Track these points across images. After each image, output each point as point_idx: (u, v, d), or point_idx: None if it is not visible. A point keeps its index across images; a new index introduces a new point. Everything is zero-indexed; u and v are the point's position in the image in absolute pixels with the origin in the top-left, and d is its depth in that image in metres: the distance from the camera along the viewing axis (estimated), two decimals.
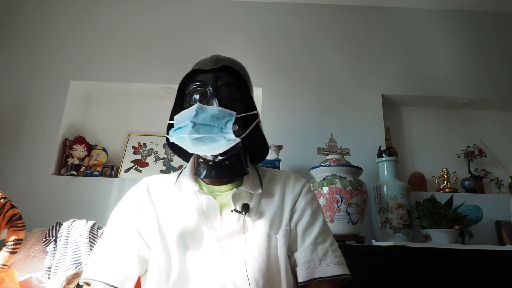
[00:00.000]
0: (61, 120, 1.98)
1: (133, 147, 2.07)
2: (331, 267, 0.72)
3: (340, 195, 1.49)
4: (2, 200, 1.33)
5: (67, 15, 2.22)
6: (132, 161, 2.02)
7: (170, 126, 0.77)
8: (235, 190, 0.76)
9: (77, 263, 1.26)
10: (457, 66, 2.15)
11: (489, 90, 2.09)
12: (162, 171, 2.00)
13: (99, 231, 1.38)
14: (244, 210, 0.73)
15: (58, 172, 1.93)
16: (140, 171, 1.99)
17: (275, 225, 0.76)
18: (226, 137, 0.70)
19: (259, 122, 0.81)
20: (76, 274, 1.18)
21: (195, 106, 0.71)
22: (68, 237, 1.34)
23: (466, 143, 2.07)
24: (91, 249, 1.29)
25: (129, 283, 0.73)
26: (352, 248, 1.38)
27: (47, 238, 1.36)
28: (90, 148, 2.03)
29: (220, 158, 0.77)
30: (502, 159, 2.10)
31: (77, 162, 1.93)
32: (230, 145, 0.73)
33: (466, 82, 2.11)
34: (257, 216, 0.76)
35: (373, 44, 2.19)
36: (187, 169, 0.83)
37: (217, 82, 0.75)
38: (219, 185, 0.79)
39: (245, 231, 0.72)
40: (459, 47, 2.20)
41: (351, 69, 2.13)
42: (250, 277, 0.68)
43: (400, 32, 2.23)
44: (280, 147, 1.79)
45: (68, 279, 1.14)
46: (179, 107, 0.81)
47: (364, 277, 1.26)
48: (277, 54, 2.16)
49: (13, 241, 1.30)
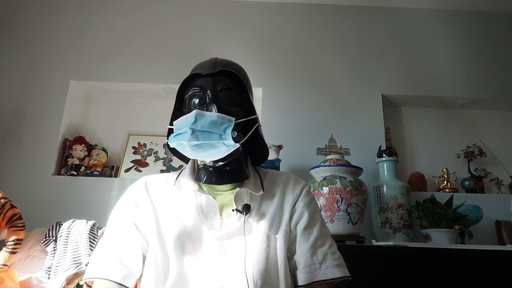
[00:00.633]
0: (61, 120, 1.98)
1: (133, 147, 2.07)
2: (330, 270, 0.73)
3: (340, 195, 1.49)
4: (2, 200, 1.33)
5: (67, 16, 2.22)
6: (132, 161, 2.02)
7: (170, 130, 0.77)
8: (238, 189, 0.76)
9: (77, 263, 1.26)
10: (457, 66, 2.15)
11: (489, 90, 2.09)
12: (162, 171, 2.00)
13: (99, 231, 1.38)
14: (245, 210, 0.73)
15: (58, 172, 1.93)
16: (140, 171, 1.99)
17: (275, 226, 0.76)
18: (225, 143, 0.70)
19: (258, 126, 0.81)
20: (76, 274, 1.18)
21: (194, 112, 0.71)
22: (68, 237, 1.34)
23: (466, 143, 2.07)
24: (91, 249, 1.29)
25: (132, 280, 0.72)
26: (352, 248, 1.38)
27: (47, 238, 1.36)
28: (90, 148, 2.03)
29: (220, 163, 0.76)
30: (502, 159, 2.10)
31: (77, 162, 1.94)
32: (230, 151, 0.73)
33: (466, 82, 2.11)
34: (258, 216, 0.76)
35: (373, 44, 2.19)
36: (186, 169, 0.83)
37: (215, 87, 0.75)
38: (219, 185, 0.79)
39: (245, 231, 0.72)
40: (459, 47, 2.20)
41: (351, 69, 2.13)
42: (249, 277, 0.68)
43: (400, 32, 2.23)
44: (280, 147, 1.79)
45: (68, 279, 1.14)
46: (179, 111, 0.81)
47: (364, 277, 1.26)
48: (277, 54, 2.16)
49: (13, 241, 1.30)
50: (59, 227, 1.39)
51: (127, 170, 1.98)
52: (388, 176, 1.69)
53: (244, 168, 0.80)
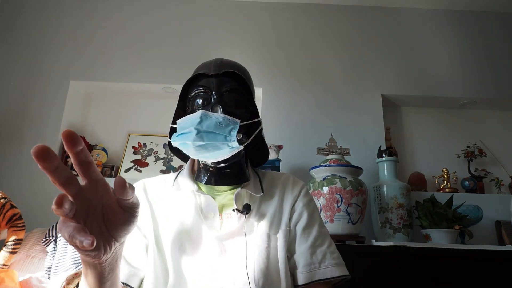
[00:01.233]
0: (61, 120, 1.98)
1: (133, 147, 2.07)
2: (329, 269, 0.73)
3: (340, 195, 1.49)
4: (2, 200, 1.33)
5: (67, 16, 2.22)
6: (132, 161, 2.02)
7: (172, 129, 0.77)
8: (239, 190, 0.76)
9: (77, 263, 1.26)
10: (457, 66, 2.15)
11: (489, 90, 2.09)
12: (162, 171, 2.00)
13: None
14: (246, 210, 0.73)
15: None
16: (140, 171, 1.99)
17: (275, 226, 0.76)
18: (230, 145, 0.70)
19: (261, 129, 0.81)
20: (76, 274, 1.18)
21: (199, 112, 0.70)
22: None
23: (466, 143, 2.07)
24: None
25: (136, 280, 0.72)
26: (352, 248, 1.38)
27: (47, 238, 1.36)
28: (90, 148, 2.03)
29: (222, 165, 0.76)
30: (502, 159, 2.10)
31: None
32: (233, 153, 0.72)
33: (466, 82, 2.11)
34: (258, 216, 0.76)
35: (373, 44, 2.20)
36: (185, 169, 0.83)
37: (221, 88, 0.74)
38: (219, 185, 0.79)
39: (246, 231, 0.72)
40: (459, 47, 2.20)
41: (351, 69, 2.13)
42: (250, 277, 0.68)
43: (400, 32, 2.23)
44: (280, 147, 1.79)
45: (68, 279, 1.14)
46: (181, 110, 0.80)
47: (364, 277, 1.26)
48: (277, 54, 2.16)
49: (13, 241, 1.30)
50: None
51: (127, 170, 1.98)
52: (388, 176, 1.69)
53: (245, 170, 0.80)
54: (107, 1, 2.26)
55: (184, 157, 0.88)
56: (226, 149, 0.70)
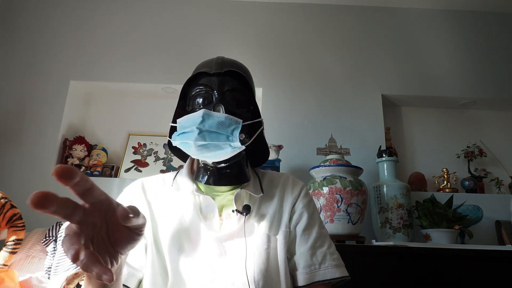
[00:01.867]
0: (61, 120, 1.98)
1: (133, 147, 2.07)
2: (330, 270, 0.73)
3: (340, 195, 1.49)
4: (2, 200, 1.33)
5: (67, 16, 2.22)
6: (132, 161, 2.02)
7: (173, 128, 0.76)
8: (239, 190, 0.76)
9: None
10: (457, 66, 2.15)
11: (489, 90, 2.09)
12: (162, 171, 2.00)
13: None
14: (245, 211, 0.73)
15: None
16: (140, 171, 1.99)
17: (274, 227, 0.76)
18: (232, 145, 0.69)
19: (262, 129, 0.80)
20: (76, 274, 1.17)
21: (201, 111, 0.70)
22: None
23: (466, 143, 2.07)
24: None
25: (134, 280, 0.71)
26: (352, 248, 1.38)
27: (47, 238, 1.36)
28: (90, 148, 2.03)
29: (222, 165, 0.76)
30: (502, 159, 2.10)
31: (77, 162, 1.94)
32: (235, 153, 0.72)
33: (466, 82, 2.12)
34: (257, 217, 0.76)
35: (373, 44, 2.19)
36: (184, 169, 0.82)
37: (222, 87, 0.74)
38: (218, 186, 0.78)
39: (245, 232, 0.72)
40: (459, 47, 2.20)
41: (351, 69, 2.13)
42: (250, 278, 0.68)
43: (400, 32, 2.23)
44: (280, 147, 1.79)
45: (68, 279, 1.14)
46: (182, 109, 0.79)
47: (364, 277, 1.26)
48: (277, 54, 2.16)
49: (13, 241, 1.30)
50: (59, 227, 1.39)
51: (127, 170, 1.98)
52: (388, 176, 1.69)
53: (245, 171, 0.79)
54: (107, 1, 2.26)
55: (183, 157, 0.87)
56: (228, 149, 0.70)
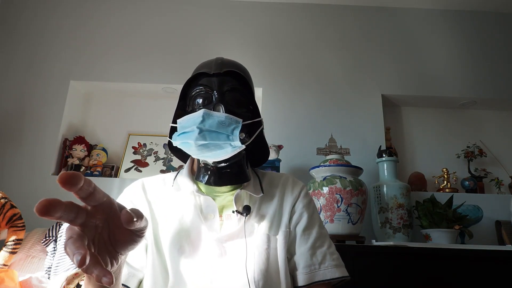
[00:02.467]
0: (61, 120, 1.98)
1: (133, 147, 2.07)
2: (329, 270, 0.73)
3: (340, 195, 1.49)
4: (2, 200, 1.33)
5: (67, 16, 2.22)
6: (132, 161, 2.02)
7: (173, 129, 0.76)
8: (239, 191, 0.76)
9: None
10: (457, 66, 2.15)
11: (489, 90, 2.09)
12: (162, 171, 2.00)
13: None
14: (245, 211, 0.73)
15: (58, 172, 1.93)
16: (140, 171, 1.99)
17: (274, 227, 0.76)
18: (232, 144, 0.70)
19: (262, 129, 0.80)
20: (76, 274, 1.17)
21: (202, 111, 0.70)
22: None
23: (466, 143, 2.07)
24: None
25: (134, 281, 0.71)
26: (352, 248, 1.38)
27: (47, 238, 1.36)
28: (90, 148, 2.03)
29: (222, 164, 0.76)
30: (502, 159, 2.10)
31: (77, 162, 1.94)
32: (235, 152, 0.72)
33: (466, 82, 2.12)
34: (258, 218, 0.76)
35: (373, 44, 2.19)
36: (184, 169, 0.82)
37: (222, 87, 0.74)
38: (219, 186, 0.78)
39: (246, 233, 0.72)
40: (459, 47, 2.20)
41: (351, 69, 2.13)
42: (250, 278, 0.68)
43: (400, 32, 2.23)
44: (280, 147, 1.79)
45: (68, 279, 1.14)
46: (181, 110, 0.79)
47: (364, 277, 1.26)
48: (277, 54, 2.16)
49: (13, 241, 1.30)
50: (59, 227, 1.39)
51: (127, 170, 1.98)
52: (388, 176, 1.69)
53: (245, 170, 0.79)
54: (107, 1, 2.26)
55: (183, 157, 0.87)
56: (229, 148, 0.70)
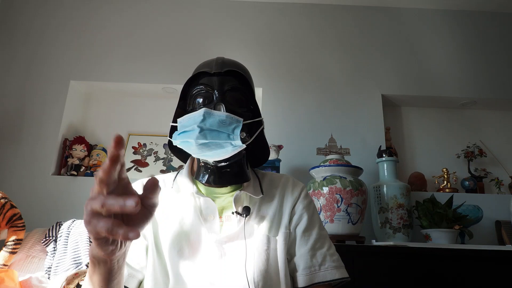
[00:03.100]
0: (61, 120, 1.98)
1: (133, 147, 2.07)
2: (329, 272, 0.73)
3: (340, 195, 1.49)
4: (2, 200, 1.33)
5: (67, 16, 2.22)
6: (132, 161, 2.02)
7: (173, 128, 0.76)
8: (238, 192, 0.76)
9: (77, 263, 1.26)
10: (457, 66, 2.15)
11: (489, 90, 2.09)
12: (162, 171, 2.00)
13: None
14: (245, 212, 0.73)
15: (58, 172, 1.93)
16: (140, 171, 1.99)
17: (274, 228, 0.76)
18: (233, 143, 0.69)
19: (263, 128, 0.80)
20: (76, 274, 1.18)
21: (202, 110, 0.70)
22: (68, 237, 1.34)
23: (466, 143, 2.07)
24: None
25: (134, 281, 0.71)
26: (352, 248, 1.38)
27: (47, 238, 1.36)
28: (90, 148, 2.03)
29: (223, 164, 0.76)
30: (502, 159, 2.10)
31: (77, 162, 1.93)
32: (236, 151, 0.72)
33: (466, 82, 2.11)
34: (257, 219, 0.76)
35: (373, 44, 2.19)
36: (184, 170, 0.82)
37: (223, 87, 0.74)
38: (218, 187, 0.78)
39: (245, 234, 0.72)
40: (459, 47, 2.20)
41: (351, 69, 2.13)
42: (250, 279, 0.68)
43: (400, 32, 2.23)
44: (280, 147, 1.79)
45: (68, 279, 1.14)
46: (182, 109, 0.79)
47: (364, 277, 1.26)
48: (277, 54, 2.16)
49: (13, 241, 1.30)
50: (59, 227, 1.39)
51: (127, 170, 1.98)
52: (388, 176, 1.69)
53: (245, 170, 0.79)
54: (108, 2, 2.26)
55: (184, 157, 0.87)
56: (229, 147, 0.70)
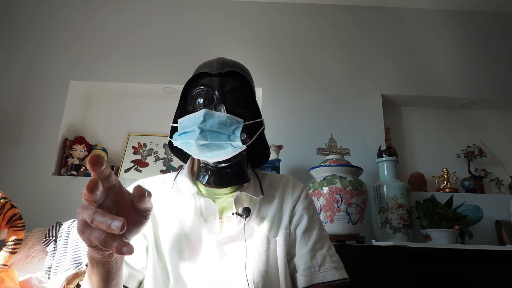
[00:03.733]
0: (61, 120, 1.98)
1: (133, 147, 2.07)
2: (329, 273, 0.73)
3: (340, 195, 1.49)
4: (2, 200, 1.33)
5: (67, 16, 2.22)
6: (132, 161, 2.02)
7: (173, 129, 0.76)
8: (238, 193, 0.76)
9: (77, 263, 1.26)
10: (457, 66, 2.15)
11: (489, 90, 2.09)
12: (162, 171, 2.00)
13: None
14: (245, 213, 0.73)
15: (58, 172, 1.93)
16: (140, 171, 1.99)
17: (274, 228, 0.75)
18: (233, 144, 0.69)
19: (263, 129, 0.80)
20: (76, 274, 1.17)
21: (203, 111, 0.69)
22: (68, 237, 1.34)
23: (466, 143, 2.07)
24: None
25: (134, 281, 0.71)
26: (352, 248, 1.38)
27: (47, 238, 1.36)
28: (90, 148, 2.03)
29: (223, 165, 0.75)
30: (502, 159, 2.10)
31: (77, 162, 1.93)
32: (236, 153, 0.72)
33: (466, 82, 2.11)
34: (258, 219, 0.75)
35: (373, 44, 2.19)
36: (184, 170, 0.82)
37: (223, 87, 0.74)
38: (219, 188, 0.78)
39: (245, 235, 0.72)
40: (459, 47, 2.20)
41: (351, 69, 2.13)
42: (250, 280, 0.68)
43: (400, 32, 2.23)
44: (280, 147, 1.79)
45: (68, 279, 1.14)
46: (182, 110, 0.79)
47: (364, 277, 1.26)
48: (277, 54, 2.16)
49: (13, 241, 1.30)
50: (59, 227, 1.39)
51: (127, 170, 1.98)
52: (388, 176, 1.69)
53: (246, 171, 0.79)
54: (108, 2, 2.26)
55: (184, 157, 0.87)
56: (229, 148, 0.70)
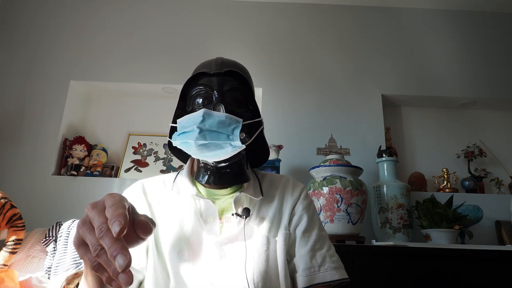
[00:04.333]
0: (61, 120, 1.98)
1: (133, 147, 2.07)
2: (329, 273, 0.73)
3: (340, 195, 1.49)
4: (2, 200, 1.33)
5: (67, 16, 2.22)
6: (132, 161, 2.02)
7: (173, 129, 0.76)
8: (238, 194, 0.76)
9: (77, 263, 1.26)
10: (457, 66, 2.15)
11: (489, 90, 2.09)
12: (162, 171, 2.00)
13: None
14: (245, 214, 0.73)
15: (58, 172, 1.93)
16: (140, 171, 1.99)
17: (274, 229, 0.76)
18: (232, 144, 0.69)
19: (262, 129, 0.80)
20: (76, 274, 1.17)
21: (202, 111, 0.70)
22: (68, 237, 1.34)
23: (466, 143, 2.07)
24: None
25: (134, 282, 0.71)
26: (352, 248, 1.38)
27: (47, 238, 1.36)
28: (90, 148, 2.03)
29: (222, 165, 0.76)
30: (502, 159, 2.10)
31: (77, 162, 1.93)
32: (235, 152, 0.72)
33: (466, 82, 2.12)
34: (257, 220, 0.75)
35: (373, 44, 2.19)
36: (184, 171, 0.82)
37: (222, 87, 0.74)
38: (218, 189, 0.78)
39: (245, 235, 0.72)
40: (459, 47, 2.20)
41: (351, 69, 2.13)
42: (250, 280, 0.68)
43: (400, 32, 2.23)
44: (280, 147, 1.79)
45: (68, 279, 1.14)
46: (181, 110, 0.79)
47: (364, 277, 1.26)
48: (277, 54, 2.16)
49: (13, 241, 1.30)
50: (59, 227, 1.39)
51: (127, 170, 1.98)
52: (388, 176, 1.69)
53: (245, 171, 0.79)
54: (107, 1, 2.26)
55: (183, 157, 0.87)
56: (229, 148, 0.70)
